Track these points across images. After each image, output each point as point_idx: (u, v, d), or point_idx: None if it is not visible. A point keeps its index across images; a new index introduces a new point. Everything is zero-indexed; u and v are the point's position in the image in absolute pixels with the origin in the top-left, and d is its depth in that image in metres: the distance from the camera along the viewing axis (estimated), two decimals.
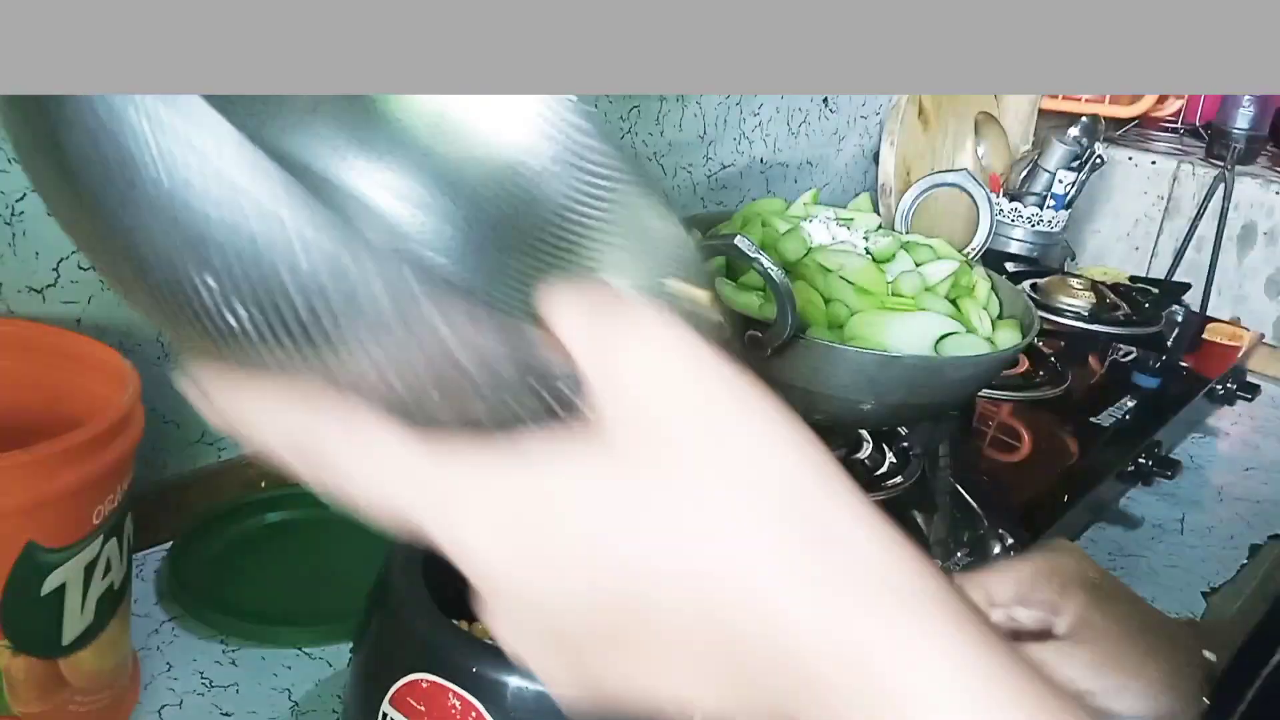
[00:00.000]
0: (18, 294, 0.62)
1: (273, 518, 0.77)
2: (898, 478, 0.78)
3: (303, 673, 0.64)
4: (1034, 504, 0.80)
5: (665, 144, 1.03)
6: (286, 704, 0.61)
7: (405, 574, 0.50)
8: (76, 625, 0.51)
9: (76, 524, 0.49)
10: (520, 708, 0.45)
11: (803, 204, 0.87)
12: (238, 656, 0.64)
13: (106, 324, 0.66)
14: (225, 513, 0.75)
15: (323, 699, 0.62)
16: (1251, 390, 1.17)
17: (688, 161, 1.07)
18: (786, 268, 0.68)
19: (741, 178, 1.15)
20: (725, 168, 1.12)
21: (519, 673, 0.46)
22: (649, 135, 1.01)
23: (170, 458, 0.74)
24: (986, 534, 0.73)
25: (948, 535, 0.72)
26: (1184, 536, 0.94)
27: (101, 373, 0.55)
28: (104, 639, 0.53)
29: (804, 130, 1.21)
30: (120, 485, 0.51)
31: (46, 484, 0.46)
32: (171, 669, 0.63)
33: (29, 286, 0.62)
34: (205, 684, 0.62)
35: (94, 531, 0.50)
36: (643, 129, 1.00)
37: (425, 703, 0.47)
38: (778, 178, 1.21)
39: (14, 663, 0.49)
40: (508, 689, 0.46)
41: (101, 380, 0.54)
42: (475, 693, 0.46)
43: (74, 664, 0.52)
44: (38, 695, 0.51)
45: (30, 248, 0.61)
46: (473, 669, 0.46)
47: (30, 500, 0.46)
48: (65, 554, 0.49)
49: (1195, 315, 1.35)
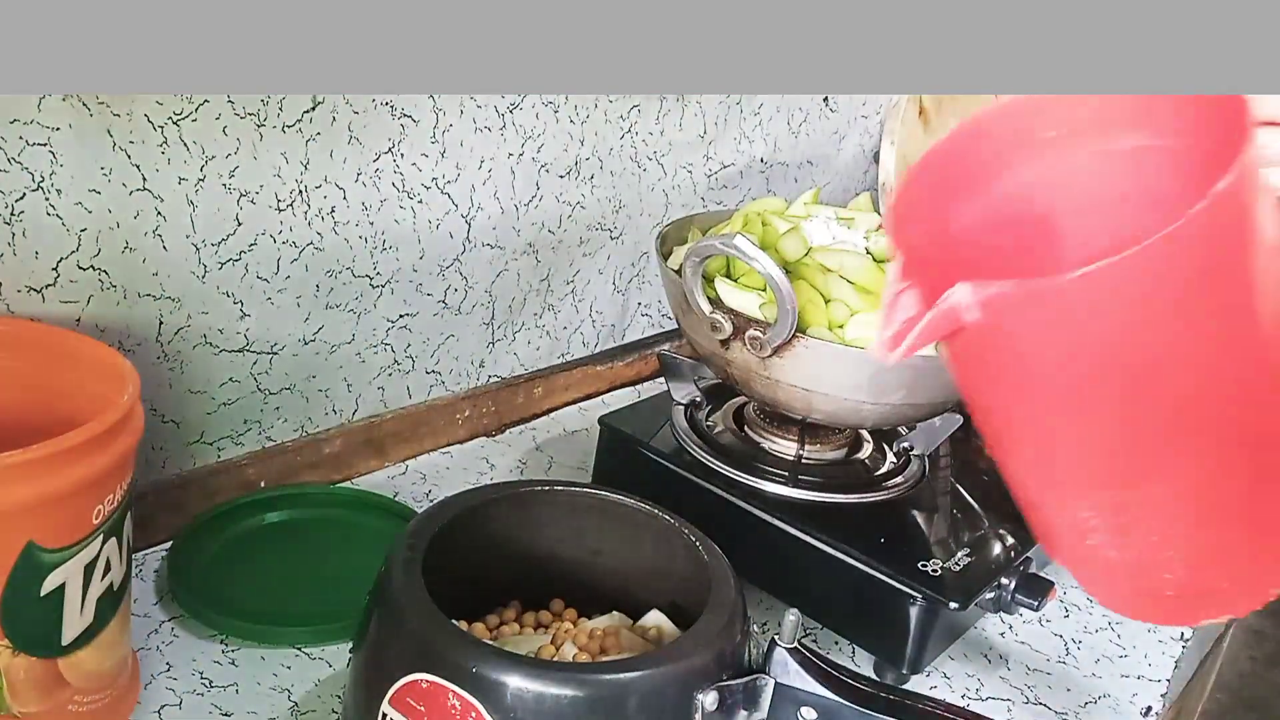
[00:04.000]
0: (18, 294, 0.62)
1: (272, 518, 0.77)
2: (898, 478, 0.78)
3: (302, 673, 0.64)
4: None
5: (665, 144, 1.03)
6: (286, 704, 0.61)
7: (405, 574, 0.50)
8: (76, 625, 0.51)
9: (76, 524, 0.49)
10: (520, 708, 0.45)
11: (803, 203, 0.86)
12: (237, 656, 0.64)
13: (106, 324, 0.66)
14: (225, 512, 0.76)
15: (322, 699, 0.62)
16: None
17: (688, 161, 1.07)
18: (786, 268, 0.68)
19: (741, 177, 1.15)
20: (725, 167, 1.12)
21: (519, 673, 0.46)
22: (649, 135, 1.01)
23: (170, 458, 0.74)
24: (986, 534, 0.73)
25: (948, 535, 0.72)
26: None
27: (101, 373, 0.55)
28: (104, 639, 0.53)
29: (804, 130, 1.21)
30: (120, 485, 0.51)
31: (46, 484, 0.46)
32: (171, 669, 0.63)
33: (29, 286, 0.62)
34: (205, 684, 0.62)
35: (94, 531, 0.50)
36: (643, 129, 1.00)
37: (425, 703, 0.47)
38: (778, 177, 1.21)
39: (14, 663, 0.49)
40: (508, 689, 0.45)
41: (101, 380, 0.54)
42: (475, 693, 0.46)
43: (74, 664, 0.52)
44: (38, 695, 0.51)
45: (30, 248, 0.61)
46: (472, 669, 0.46)
47: (30, 500, 0.46)
48: (65, 554, 0.49)
49: None
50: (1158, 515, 0.40)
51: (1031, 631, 0.77)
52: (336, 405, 0.84)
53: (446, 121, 0.81)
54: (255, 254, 0.73)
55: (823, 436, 0.80)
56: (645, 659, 0.49)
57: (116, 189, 0.64)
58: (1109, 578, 0.44)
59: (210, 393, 0.74)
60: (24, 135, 0.59)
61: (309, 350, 0.79)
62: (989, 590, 0.68)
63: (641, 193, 1.03)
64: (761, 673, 0.51)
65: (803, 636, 0.53)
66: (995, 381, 0.41)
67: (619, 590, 0.63)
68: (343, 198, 0.76)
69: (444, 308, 0.89)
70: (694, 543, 0.58)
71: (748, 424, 0.82)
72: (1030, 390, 0.40)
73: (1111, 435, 0.39)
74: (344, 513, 0.80)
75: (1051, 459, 0.42)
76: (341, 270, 0.79)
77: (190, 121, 0.66)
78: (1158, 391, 0.37)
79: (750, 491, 0.74)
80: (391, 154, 0.78)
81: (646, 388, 1.11)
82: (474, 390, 0.95)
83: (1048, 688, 0.72)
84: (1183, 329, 0.36)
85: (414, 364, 0.89)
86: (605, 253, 1.03)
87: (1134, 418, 0.38)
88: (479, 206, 0.87)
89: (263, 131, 0.70)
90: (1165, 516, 0.40)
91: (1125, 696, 0.72)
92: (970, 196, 0.44)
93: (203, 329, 0.72)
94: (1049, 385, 0.39)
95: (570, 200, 0.96)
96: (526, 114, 0.87)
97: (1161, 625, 0.42)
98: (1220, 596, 0.42)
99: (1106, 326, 0.35)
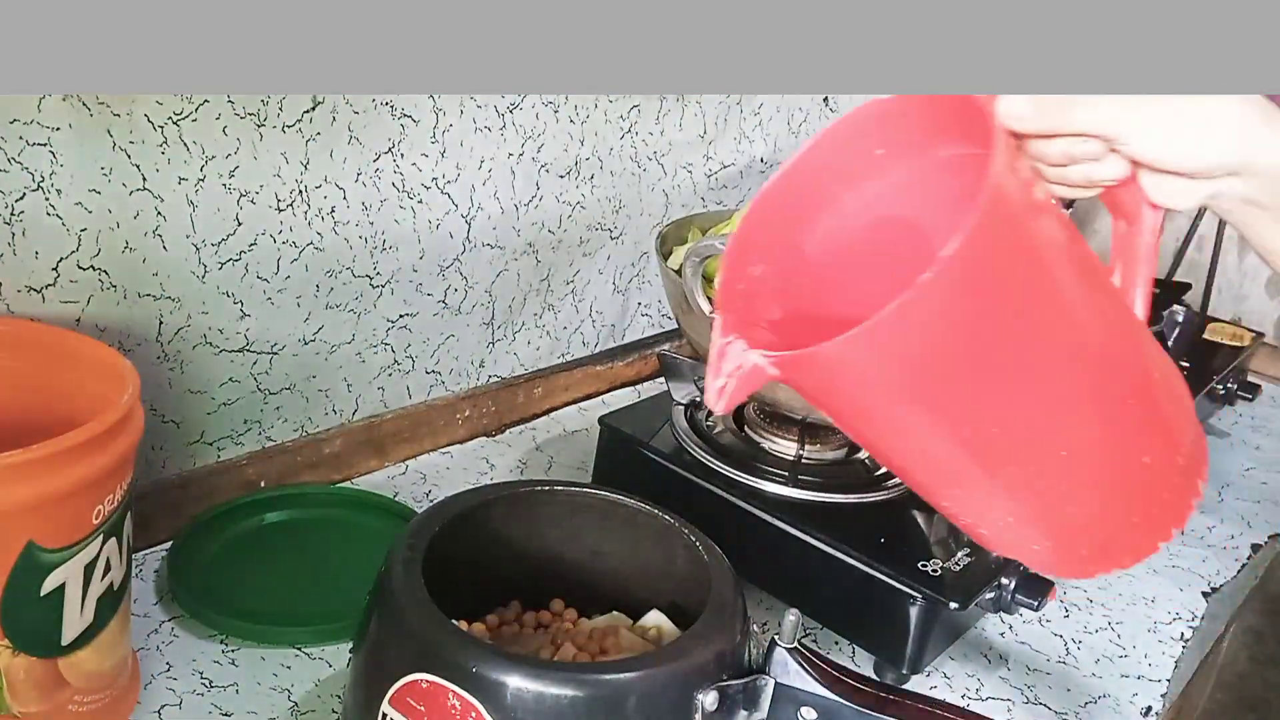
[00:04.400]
0: (18, 294, 0.62)
1: (272, 518, 0.77)
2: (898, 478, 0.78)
3: (302, 672, 0.64)
4: None
5: (665, 144, 1.03)
6: (286, 704, 0.61)
7: (405, 574, 0.50)
8: (76, 625, 0.51)
9: (76, 524, 0.49)
10: (520, 708, 0.45)
11: None
12: (237, 656, 0.64)
13: (106, 324, 0.66)
14: (225, 512, 0.76)
15: (322, 699, 0.62)
16: (1252, 390, 1.17)
17: (688, 161, 1.07)
18: None
19: (741, 177, 1.15)
20: (725, 167, 1.12)
21: (519, 673, 0.46)
22: (649, 135, 1.01)
23: (170, 458, 0.74)
24: None
25: (948, 535, 0.72)
26: (1184, 536, 0.94)
27: (101, 372, 0.55)
28: (104, 639, 0.53)
29: (804, 130, 1.21)
30: (120, 485, 0.51)
31: (46, 484, 0.46)
32: (171, 669, 0.63)
33: (29, 286, 0.62)
34: (205, 684, 0.62)
35: (94, 531, 0.50)
36: (643, 129, 1.00)
37: (425, 703, 0.47)
38: None
39: (14, 663, 0.49)
40: (508, 689, 0.45)
41: (101, 380, 0.54)
42: (475, 693, 0.46)
43: (74, 664, 0.52)
44: (38, 695, 0.51)
45: (30, 247, 0.61)
46: (472, 669, 0.46)
47: (30, 500, 0.46)
48: (65, 554, 0.49)
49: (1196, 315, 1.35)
50: (1030, 494, 0.44)
51: (1031, 631, 0.77)
52: (336, 405, 0.84)
53: (446, 121, 0.81)
54: (255, 254, 0.73)
55: (823, 436, 0.80)
56: (645, 659, 0.49)
57: (116, 189, 0.64)
58: (1033, 556, 0.48)
59: (210, 393, 0.74)
60: (24, 135, 0.59)
61: (309, 350, 0.79)
62: (989, 590, 0.68)
63: (641, 193, 1.03)
64: (761, 673, 0.51)
65: (803, 636, 0.53)
66: (830, 409, 0.44)
67: (619, 590, 0.63)
68: (343, 198, 0.76)
69: (444, 308, 0.89)
70: (694, 543, 0.58)
71: (748, 424, 0.82)
72: (860, 414, 0.43)
73: (946, 441, 0.42)
74: (344, 513, 0.80)
75: (905, 471, 0.46)
76: (341, 270, 0.79)
77: (190, 121, 0.66)
78: (978, 392, 0.40)
79: (750, 491, 0.74)
80: (391, 154, 0.78)
81: (646, 388, 1.11)
82: (474, 390, 0.95)
83: (1048, 688, 0.72)
84: (989, 335, 0.39)
85: (414, 364, 0.89)
86: (605, 253, 1.03)
87: (963, 420, 0.41)
88: (479, 206, 0.87)
89: (263, 131, 0.70)
90: (1041, 493, 0.44)
91: (1125, 696, 0.72)
92: (820, 218, 0.47)
93: (203, 329, 0.72)
94: (873, 410, 0.42)
95: (570, 200, 0.96)
96: (526, 114, 0.87)
97: (1089, 578, 0.48)
98: (1125, 542, 0.46)
99: (900, 359, 0.38)
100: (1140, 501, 0.45)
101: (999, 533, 0.46)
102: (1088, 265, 0.42)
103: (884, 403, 0.41)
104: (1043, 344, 0.40)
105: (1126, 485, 0.45)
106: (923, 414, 0.41)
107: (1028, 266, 0.39)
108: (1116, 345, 0.43)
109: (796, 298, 0.47)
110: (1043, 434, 0.42)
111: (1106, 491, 0.44)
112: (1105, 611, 0.81)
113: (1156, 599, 0.84)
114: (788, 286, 0.47)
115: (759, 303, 0.46)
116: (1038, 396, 0.41)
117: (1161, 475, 0.45)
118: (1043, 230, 0.40)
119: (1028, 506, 0.44)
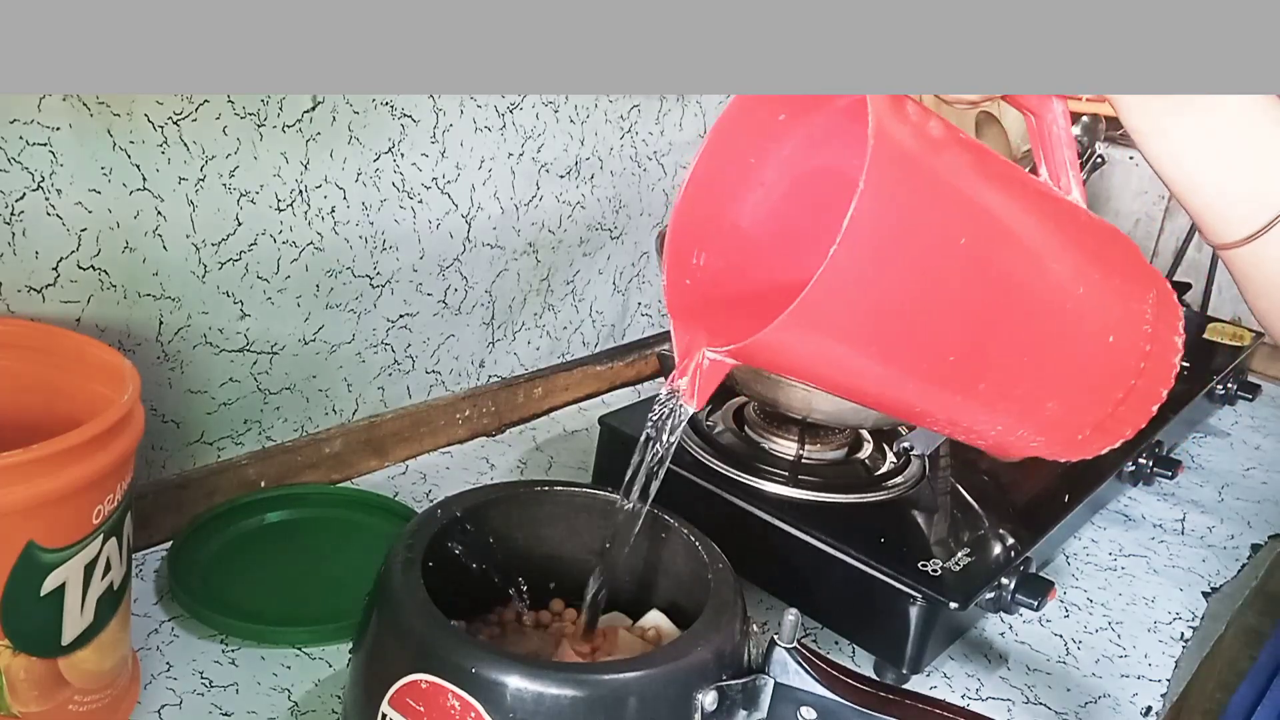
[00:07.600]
0: (18, 294, 0.62)
1: (273, 518, 0.77)
2: (898, 478, 0.78)
3: (302, 672, 0.64)
4: (1034, 504, 0.80)
5: (665, 144, 1.03)
6: (286, 704, 0.61)
7: (405, 574, 0.50)
8: (76, 625, 0.51)
9: (76, 524, 0.49)
10: (520, 708, 0.45)
11: None
12: (237, 656, 0.64)
13: (106, 324, 0.66)
14: (225, 512, 0.76)
15: (322, 699, 0.62)
16: (1252, 390, 1.17)
17: (688, 161, 1.06)
18: None
19: None
20: None
21: (519, 673, 0.46)
22: (649, 135, 1.01)
23: (170, 458, 0.74)
24: (986, 534, 0.73)
25: (948, 535, 0.72)
26: (1184, 536, 0.94)
27: (101, 373, 0.55)
28: (104, 639, 0.53)
29: None
30: (120, 485, 0.51)
31: (46, 484, 0.46)
32: (171, 669, 0.63)
33: (29, 286, 0.62)
34: (205, 684, 0.62)
35: (94, 531, 0.50)
36: (643, 129, 1.00)
37: (424, 703, 0.47)
38: None
39: (14, 663, 0.49)
40: (507, 689, 0.45)
41: (101, 380, 0.54)
42: (474, 693, 0.46)
43: (74, 664, 0.52)
44: (38, 695, 0.51)
45: (30, 248, 0.61)
46: (472, 669, 0.46)
47: (30, 500, 0.46)
48: (65, 554, 0.49)
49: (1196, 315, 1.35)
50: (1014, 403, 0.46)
51: (1031, 631, 0.77)
52: (336, 405, 0.84)
53: (446, 121, 0.81)
54: (255, 254, 0.73)
55: (823, 436, 0.80)
56: (645, 659, 0.49)
57: (116, 189, 0.64)
58: (1037, 450, 0.51)
59: (210, 393, 0.74)
60: (24, 135, 0.59)
61: (309, 350, 0.79)
62: (989, 590, 0.68)
63: (641, 193, 1.03)
64: (761, 673, 0.51)
65: (803, 636, 0.53)
66: (800, 377, 0.46)
67: (619, 590, 0.63)
68: (343, 198, 0.76)
69: (444, 308, 0.89)
70: (694, 543, 0.58)
71: (748, 424, 0.82)
72: (826, 376, 0.45)
73: (910, 379, 0.44)
74: (344, 513, 0.80)
75: (890, 409, 0.48)
76: (341, 270, 0.79)
77: (190, 121, 0.66)
78: (926, 329, 0.42)
79: (750, 491, 0.74)
80: (391, 154, 0.78)
81: (646, 388, 1.11)
82: (474, 390, 0.95)
83: (1048, 688, 0.72)
84: (922, 273, 0.40)
85: (414, 364, 0.89)
86: (605, 253, 1.03)
87: (919, 358, 0.43)
88: (479, 206, 0.87)
89: (263, 131, 0.70)
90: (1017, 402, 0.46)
91: (1125, 696, 0.72)
92: (745, 193, 0.49)
93: (203, 329, 0.72)
94: (835, 370, 0.43)
95: (570, 200, 0.96)
96: (526, 114, 0.87)
97: (1098, 455, 0.51)
98: (1119, 415, 0.48)
99: (838, 323, 0.40)
100: (1119, 376, 0.46)
101: (996, 441, 0.48)
102: (1006, 176, 0.43)
103: (842, 362, 0.42)
104: (979, 266, 0.41)
105: (1096, 368, 0.46)
106: (882, 362, 0.42)
107: (939, 205, 0.40)
108: (1054, 240, 0.44)
109: (747, 274, 0.48)
110: (1000, 349, 0.43)
111: (1078, 379, 0.45)
112: (1105, 611, 0.81)
113: (1156, 599, 0.84)
114: (733, 266, 0.48)
115: (710, 290, 0.47)
116: (986, 317, 0.42)
117: (1132, 345, 0.46)
118: (945, 164, 0.40)
119: (1010, 415, 0.46)
